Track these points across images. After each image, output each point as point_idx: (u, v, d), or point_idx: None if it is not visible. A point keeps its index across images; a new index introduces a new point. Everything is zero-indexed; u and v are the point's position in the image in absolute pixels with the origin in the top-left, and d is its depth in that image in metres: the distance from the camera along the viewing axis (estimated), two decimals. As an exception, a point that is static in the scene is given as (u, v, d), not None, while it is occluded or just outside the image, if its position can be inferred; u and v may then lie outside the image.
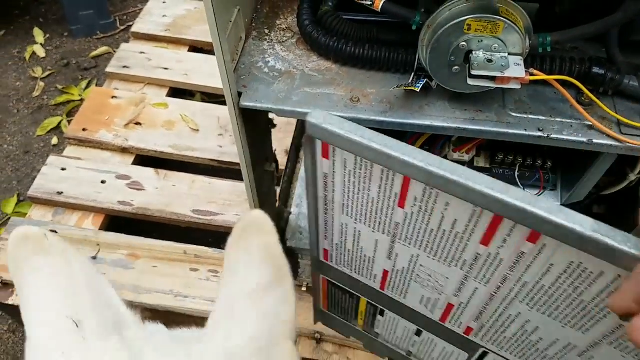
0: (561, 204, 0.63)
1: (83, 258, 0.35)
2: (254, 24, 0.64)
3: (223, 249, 1.09)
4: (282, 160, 1.14)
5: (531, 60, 0.53)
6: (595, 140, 0.52)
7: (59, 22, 1.80)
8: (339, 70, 0.59)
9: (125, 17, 1.80)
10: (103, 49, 1.70)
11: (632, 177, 0.59)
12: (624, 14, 0.45)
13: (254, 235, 0.36)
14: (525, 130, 0.52)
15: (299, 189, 1.11)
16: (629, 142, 0.51)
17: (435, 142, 0.62)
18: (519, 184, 0.62)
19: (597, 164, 0.57)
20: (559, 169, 0.64)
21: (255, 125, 0.69)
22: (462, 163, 0.63)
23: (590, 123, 0.52)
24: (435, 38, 0.48)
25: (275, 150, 0.88)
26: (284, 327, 0.35)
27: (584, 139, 0.52)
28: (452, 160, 0.64)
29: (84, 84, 1.61)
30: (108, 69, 1.37)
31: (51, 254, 0.33)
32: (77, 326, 0.31)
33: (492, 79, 0.47)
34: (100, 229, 1.10)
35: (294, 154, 1.16)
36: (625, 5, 0.45)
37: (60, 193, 1.12)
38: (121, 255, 1.04)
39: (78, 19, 1.70)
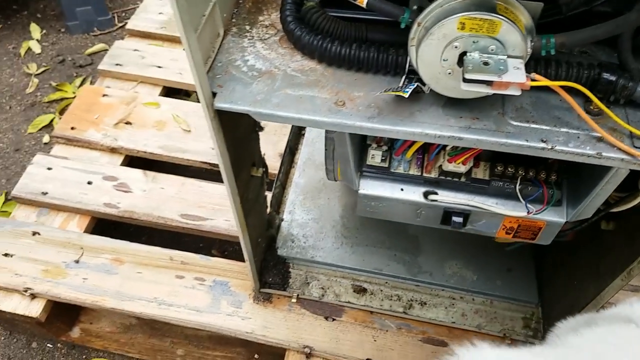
0: (566, 221, 0.58)
1: None
2: (234, 20, 0.59)
3: (211, 255, 1.05)
4: (276, 164, 1.09)
5: (534, 63, 0.48)
6: (605, 154, 0.46)
7: (56, 17, 1.77)
8: (324, 71, 0.55)
9: (123, 14, 1.77)
10: (99, 46, 1.67)
11: (646, 194, 0.54)
12: (637, 14, 0.39)
13: None
14: (527, 140, 0.47)
15: (292, 195, 1.06)
16: (642, 157, 0.45)
17: (429, 150, 0.57)
18: (520, 198, 0.57)
19: (607, 179, 0.51)
20: (565, 183, 0.58)
21: (236, 128, 0.64)
22: (459, 174, 0.57)
23: (599, 135, 0.47)
24: (426, 38, 0.43)
25: (264, 155, 0.83)
26: None
27: (593, 152, 0.46)
28: (447, 171, 0.59)
29: (78, 81, 1.57)
30: (100, 67, 1.33)
31: None
32: None
33: (489, 83, 0.42)
34: (85, 232, 1.06)
35: (288, 158, 1.12)
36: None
37: (45, 193, 1.08)
38: (105, 259, 1.00)
39: (75, 15, 1.66)
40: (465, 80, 0.42)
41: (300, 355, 0.89)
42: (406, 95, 0.46)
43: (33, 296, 0.97)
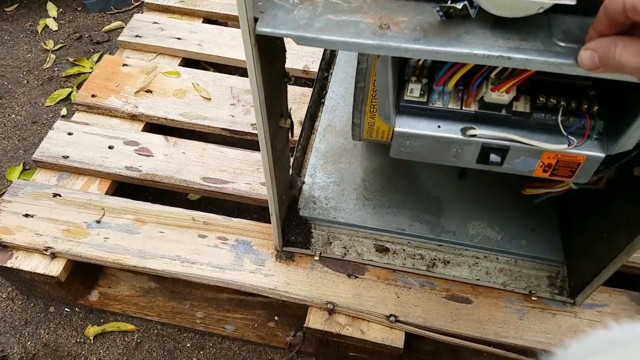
0: (607, 155, 0.58)
1: None
2: (274, -48, 0.60)
3: (232, 217, 1.04)
4: (297, 130, 1.09)
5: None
6: (654, 70, 0.46)
7: (72, -4, 1.78)
8: (366, -1, 0.55)
9: (139, -7, 1.77)
10: (116, 24, 1.68)
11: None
12: None
13: None
14: (576, 60, 0.47)
15: (313, 159, 1.06)
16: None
17: (472, 80, 0.57)
18: (562, 130, 0.57)
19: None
20: (605, 116, 0.58)
21: (271, 68, 0.64)
22: (501, 104, 0.57)
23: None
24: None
25: (291, 109, 0.83)
26: None
27: (642, 69, 0.46)
28: (490, 102, 0.59)
29: (95, 56, 1.58)
30: (120, 38, 1.34)
31: None
32: None
33: (545, -10, 0.42)
34: (106, 194, 1.06)
35: (308, 124, 1.12)
36: None
37: (65, 157, 1.09)
38: (127, 220, 1.00)
39: (92, -8, 1.67)
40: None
41: (323, 312, 0.89)
42: (459, 7, 0.46)
43: (54, 255, 0.96)
